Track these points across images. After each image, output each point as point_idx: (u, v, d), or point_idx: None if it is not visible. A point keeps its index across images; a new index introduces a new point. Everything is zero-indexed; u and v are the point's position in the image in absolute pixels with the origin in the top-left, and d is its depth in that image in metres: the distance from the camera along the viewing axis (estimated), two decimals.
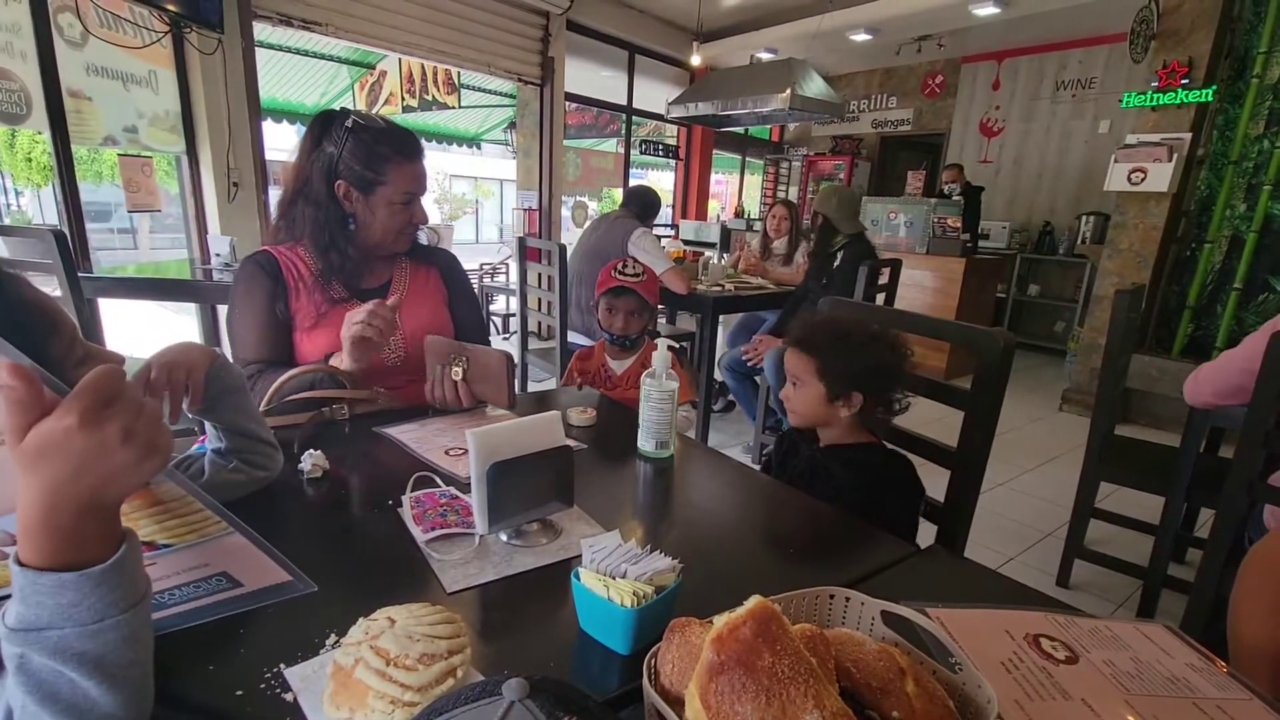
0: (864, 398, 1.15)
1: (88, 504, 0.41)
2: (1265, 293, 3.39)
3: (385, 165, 1.26)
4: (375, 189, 1.27)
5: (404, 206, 1.30)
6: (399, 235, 1.33)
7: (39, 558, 0.41)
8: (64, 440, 0.39)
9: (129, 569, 0.44)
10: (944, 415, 1.27)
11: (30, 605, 0.41)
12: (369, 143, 1.25)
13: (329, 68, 5.78)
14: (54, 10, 2.97)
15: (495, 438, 0.78)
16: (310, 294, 1.28)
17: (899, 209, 4.94)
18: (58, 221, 3.28)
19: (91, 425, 0.40)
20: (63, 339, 0.61)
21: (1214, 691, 0.57)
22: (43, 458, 0.39)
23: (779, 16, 5.57)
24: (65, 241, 1.75)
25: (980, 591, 0.82)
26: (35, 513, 0.40)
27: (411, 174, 1.29)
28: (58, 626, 0.41)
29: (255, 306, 1.27)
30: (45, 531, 0.41)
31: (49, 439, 0.39)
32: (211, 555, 0.55)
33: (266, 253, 1.31)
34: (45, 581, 0.41)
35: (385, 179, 1.26)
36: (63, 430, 0.39)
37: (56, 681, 0.42)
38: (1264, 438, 1.39)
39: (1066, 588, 2.14)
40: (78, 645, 0.42)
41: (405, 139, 1.29)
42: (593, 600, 0.63)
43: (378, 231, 1.30)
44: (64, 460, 0.39)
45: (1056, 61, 5.86)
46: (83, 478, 0.40)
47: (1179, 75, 3.41)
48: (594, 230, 3.25)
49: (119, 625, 0.43)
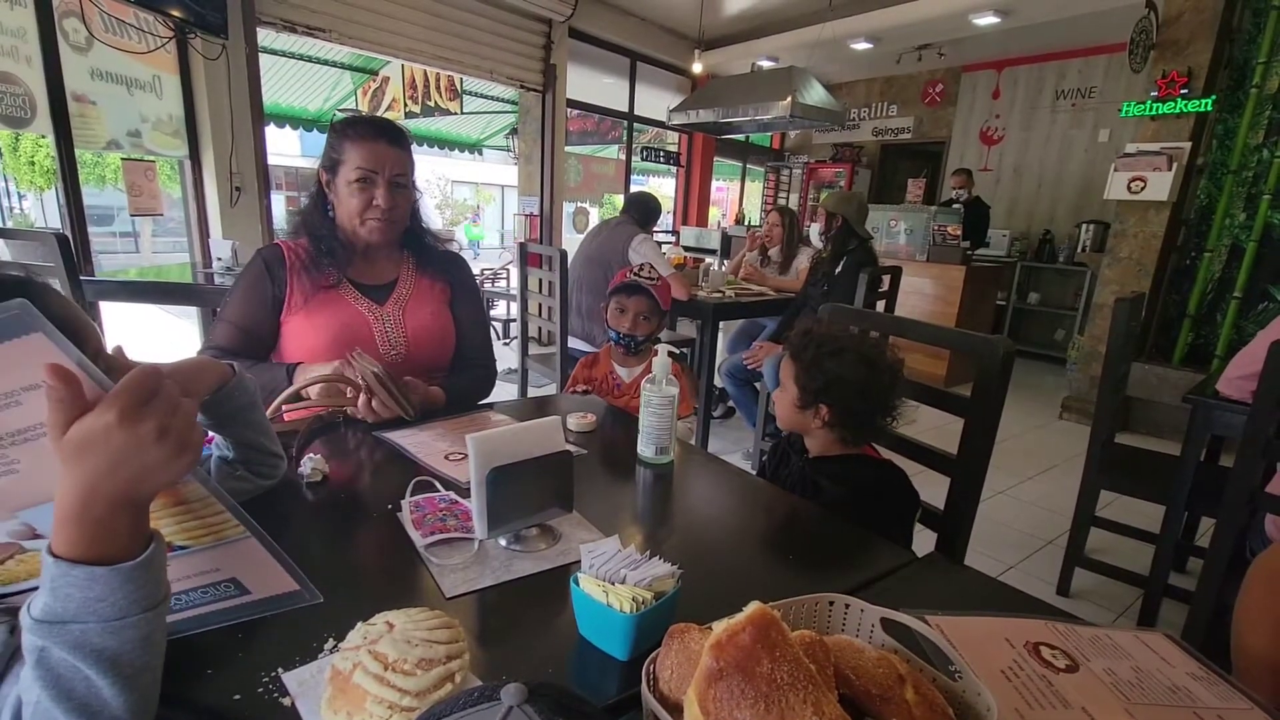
0: (829, 410, 1.13)
1: (122, 498, 0.43)
2: (1265, 302, 3.39)
3: (343, 143, 1.28)
4: (338, 169, 1.29)
5: (360, 186, 1.27)
6: (362, 220, 1.30)
7: (72, 549, 0.43)
8: (103, 436, 0.42)
9: (154, 569, 0.46)
10: (944, 423, 1.27)
11: (59, 597, 0.43)
12: (340, 128, 1.29)
13: (332, 73, 5.80)
14: (59, 15, 2.98)
15: (495, 443, 0.78)
16: (301, 276, 1.30)
17: (899, 216, 4.96)
18: (60, 225, 3.28)
19: (130, 422, 0.42)
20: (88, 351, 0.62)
21: (1215, 701, 0.57)
22: (82, 452, 0.42)
23: (780, 25, 5.59)
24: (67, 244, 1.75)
25: (980, 599, 0.82)
26: (72, 504, 0.42)
27: (366, 151, 1.26)
28: (81, 620, 0.43)
29: (246, 304, 1.29)
30: (80, 523, 0.43)
31: (89, 434, 0.42)
32: (223, 560, 0.55)
33: (276, 245, 1.35)
34: (77, 574, 0.43)
35: (343, 158, 1.28)
36: (102, 426, 0.42)
37: (73, 678, 0.43)
38: (1264, 446, 1.39)
39: (1067, 596, 2.13)
40: (98, 641, 0.43)
41: (370, 121, 1.30)
42: (592, 606, 0.63)
43: (344, 216, 1.31)
44: (102, 455, 0.42)
45: (1056, 71, 5.89)
46: (119, 472, 0.42)
47: (1178, 85, 3.42)
48: (595, 236, 3.26)
49: (139, 624, 0.44)
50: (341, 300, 1.32)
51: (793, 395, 1.16)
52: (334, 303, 1.31)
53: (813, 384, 1.13)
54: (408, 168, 1.32)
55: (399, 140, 1.30)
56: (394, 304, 1.36)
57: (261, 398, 1.06)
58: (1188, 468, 1.80)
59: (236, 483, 0.83)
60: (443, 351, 1.42)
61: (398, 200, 1.31)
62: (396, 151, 1.29)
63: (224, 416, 0.81)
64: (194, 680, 0.57)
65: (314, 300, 1.29)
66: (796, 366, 1.16)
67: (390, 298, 1.37)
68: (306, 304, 1.29)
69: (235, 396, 0.80)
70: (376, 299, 1.35)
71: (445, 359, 1.43)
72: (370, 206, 1.29)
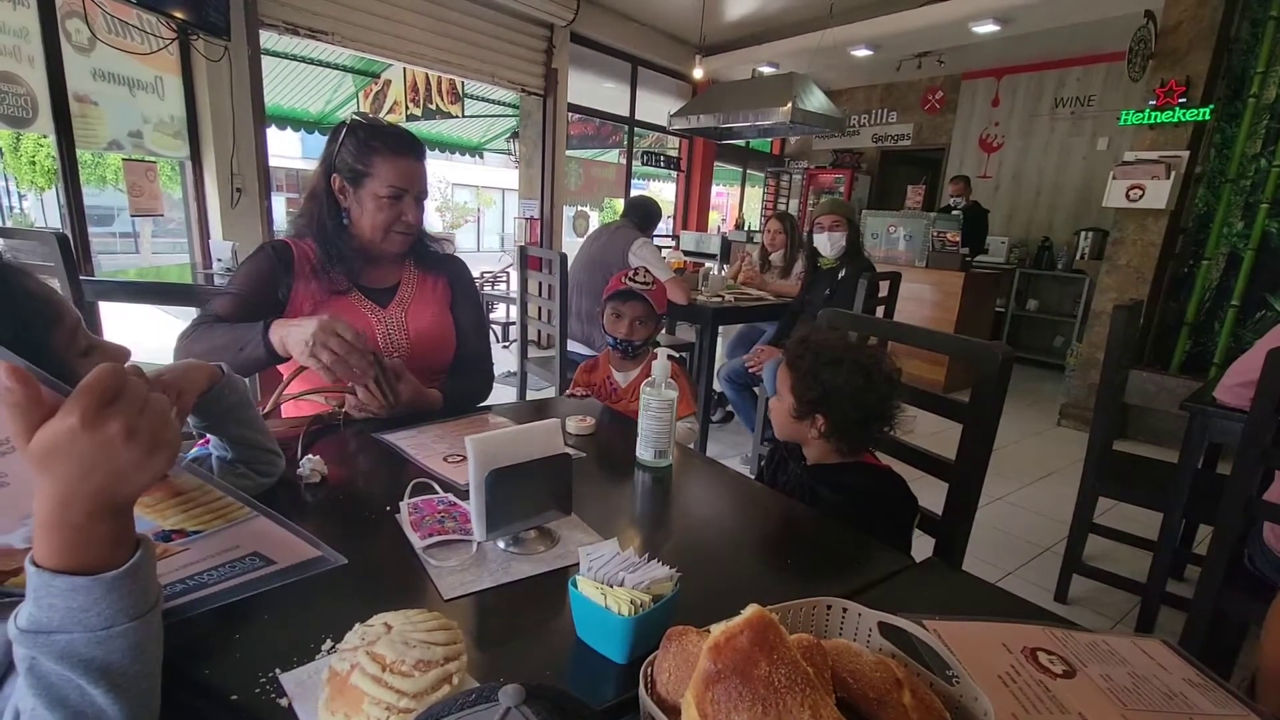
0: (825, 420, 1.12)
1: (99, 504, 0.42)
2: (1263, 310, 3.40)
3: (372, 158, 1.26)
4: (363, 182, 1.28)
5: (390, 202, 1.28)
6: (387, 234, 1.31)
7: (52, 558, 0.42)
8: (68, 441, 0.39)
9: (141, 577, 0.44)
10: (943, 428, 1.27)
11: (42, 607, 0.42)
12: (362, 138, 1.27)
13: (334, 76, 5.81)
14: (62, 16, 2.99)
15: (494, 445, 0.78)
16: (310, 282, 1.30)
17: (899, 223, 4.97)
18: (60, 225, 3.28)
19: (93, 425, 0.40)
20: (65, 329, 0.61)
21: (1212, 708, 0.57)
22: (50, 458, 0.40)
23: (781, 31, 5.62)
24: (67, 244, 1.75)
25: (978, 605, 0.82)
26: (49, 512, 0.41)
27: (399, 169, 1.27)
28: (67, 630, 0.42)
29: (250, 279, 1.28)
30: (58, 531, 0.41)
31: (54, 440, 0.39)
32: (241, 538, 0.55)
33: (284, 242, 1.34)
34: (59, 584, 0.41)
35: (371, 171, 1.27)
36: (66, 431, 0.39)
37: (65, 686, 0.42)
38: (1261, 454, 1.39)
39: (1065, 603, 2.13)
40: (85, 651, 0.42)
41: (398, 135, 1.29)
42: (590, 608, 0.63)
43: (366, 228, 1.30)
44: (71, 460, 0.40)
45: (1055, 79, 5.91)
46: (92, 476, 0.40)
47: (1177, 94, 3.43)
48: (595, 240, 3.26)
49: (127, 633, 0.43)
50: (351, 306, 1.32)
51: (789, 405, 1.16)
52: (344, 310, 1.30)
53: (809, 394, 1.12)
54: (428, 181, 1.35)
55: (423, 155, 1.33)
56: (397, 306, 1.37)
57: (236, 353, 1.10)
58: (1185, 475, 1.80)
59: (239, 480, 0.84)
60: (443, 353, 1.43)
61: (421, 214, 1.35)
62: (422, 166, 1.32)
63: (217, 416, 0.81)
64: (191, 681, 0.57)
65: (324, 307, 1.29)
66: (793, 376, 1.16)
67: (393, 300, 1.37)
68: (314, 310, 1.28)
69: (226, 395, 0.81)
70: (380, 302, 1.36)
71: (446, 361, 1.43)
72: (399, 220, 1.31)
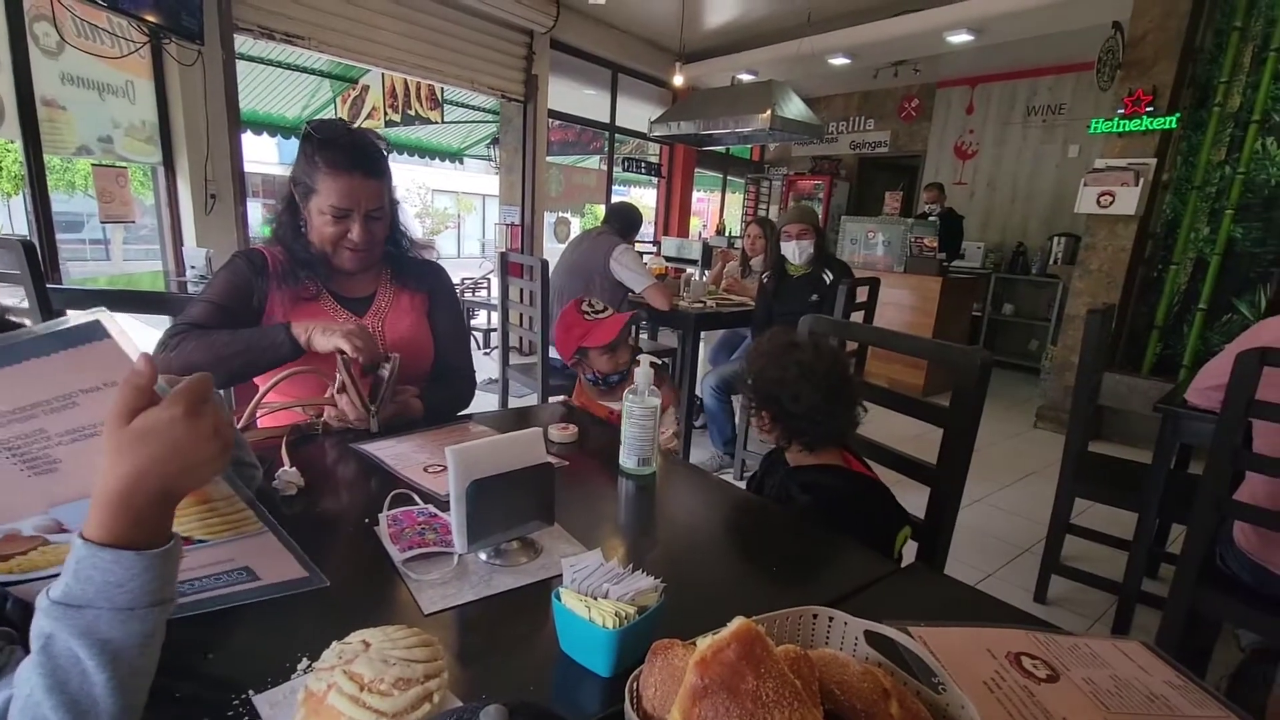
0: (769, 416, 1.17)
1: (164, 490, 0.47)
2: (1229, 313, 3.49)
3: (316, 174, 1.22)
4: (310, 196, 1.24)
5: (335, 220, 1.23)
6: (335, 249, 1.26)
7: (103, 533, 0.45)
8: (168, 427, 0.45)
9: (170, 564, 0.48)
10: (923, 432, 1.28)
11: (80, 579, 0.45)
12: (310, 150, 1.22)
13: (311, 81, 5.74)
14: (30, 19, 2.92)
15: (475, 455, 0.77)
16: (282, 287, 1.27)
17: (877, 228, 5.03)
18: (27, 232, 3.20)
19: (194, 417, 0.46)
20: None
21: (1192, 709, 0.58)
22: (143, 439, 0.45)
23: (760, 39, 5.68)
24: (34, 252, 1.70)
25: (960, 609, 0.82)
26: (115, 491, 0.45)
27: (340, 188, 1.20)
28: (95, 606, 0.45)
29: (226, 287, 1.26)
30: (119, 509, 0.45)
31: (155, 424, 0.45)
32: (239, 551, 0.57)
33: (257, 250, 1.31)
34: (104, 555, 0.45)
35: (316, 188, 1.23)
36: (168, 418, 0.45)
37: (70, 670, 0.44)
38: (1231, 455, 1.42)
39: (1044, 603, 2.16)
40: (106, 630, 0.45)
41: (344, 150, 1.20)
42: (574, 621, 0.62)
43: (316, 241, 1.28)
44: (163, 444, 0.45)
45: (1028, 87, 6.04)
46: (172, 462, 0.46)
47: (1144, 103, 3.53)
48: (576, 246, 3.26)
49: (145, 618, 0.46)
50: (322, 313, 1.30)
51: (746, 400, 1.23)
52: (314, 315, 1.28)
53: (751, 390, 1.18)
54: (384, 197, 1.27)
55: (374, 169, 1.23)
56: (373, 316, 1.35)
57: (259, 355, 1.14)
58: (1158, 476, 1.84)
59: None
60: (422, 363, 1.40)
61: (374, 232, 1.27)
62: (373, 183, 1.23)
63: None
64: (161, 704, 0.55)
65: (294, 312, 1.26)
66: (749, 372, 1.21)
67: (369, 310, 1.35)
68: (286, 317, 1.26)
69: None
70: (356, 311, 1.33)
71: (425, 370, 1.41)
72: (345, 238, 1.25)
